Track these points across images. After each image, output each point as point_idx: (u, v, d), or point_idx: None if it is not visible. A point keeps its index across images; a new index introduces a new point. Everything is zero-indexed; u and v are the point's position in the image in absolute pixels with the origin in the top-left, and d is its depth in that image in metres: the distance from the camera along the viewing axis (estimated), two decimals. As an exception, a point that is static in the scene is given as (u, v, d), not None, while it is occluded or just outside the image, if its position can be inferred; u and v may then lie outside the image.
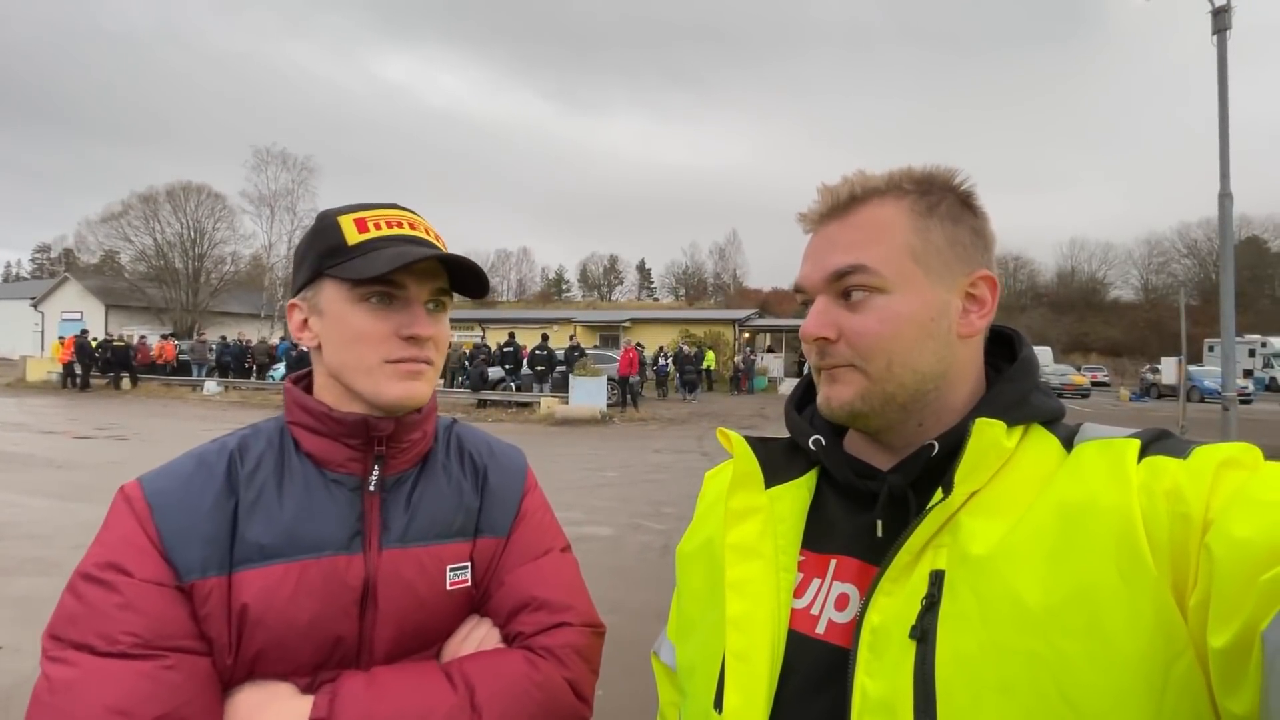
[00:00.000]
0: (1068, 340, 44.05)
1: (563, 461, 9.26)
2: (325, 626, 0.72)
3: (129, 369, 19.81)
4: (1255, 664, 0.40)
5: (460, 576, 0.79)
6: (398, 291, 0.76)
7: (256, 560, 0.71)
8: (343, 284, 0.76)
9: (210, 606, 0.69)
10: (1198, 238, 49.77)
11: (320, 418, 0.77)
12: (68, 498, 6.44)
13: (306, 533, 0.73)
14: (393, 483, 0.80)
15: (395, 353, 0.76)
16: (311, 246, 0.79)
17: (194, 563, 0.69)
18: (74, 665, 0.63)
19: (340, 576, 0.73)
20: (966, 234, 0.62)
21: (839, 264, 0.61)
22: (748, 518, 0.64)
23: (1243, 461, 0.49)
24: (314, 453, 0.78)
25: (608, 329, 31.95)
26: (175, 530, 0.70)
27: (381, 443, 0.78)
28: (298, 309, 0.80)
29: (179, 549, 0.69)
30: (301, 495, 0.75)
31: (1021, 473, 0.55)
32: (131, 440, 10.43)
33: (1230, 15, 9.93)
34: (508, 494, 0.87)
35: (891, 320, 0.60)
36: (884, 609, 0.54)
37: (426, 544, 0.78)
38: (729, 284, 62.61)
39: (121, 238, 37.28)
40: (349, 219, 0.78)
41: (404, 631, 0.75)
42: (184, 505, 0.71)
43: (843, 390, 0.62)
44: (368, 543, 0.76)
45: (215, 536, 0.70)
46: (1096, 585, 0.47)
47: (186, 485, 0.73)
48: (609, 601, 4.46)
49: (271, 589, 0.70)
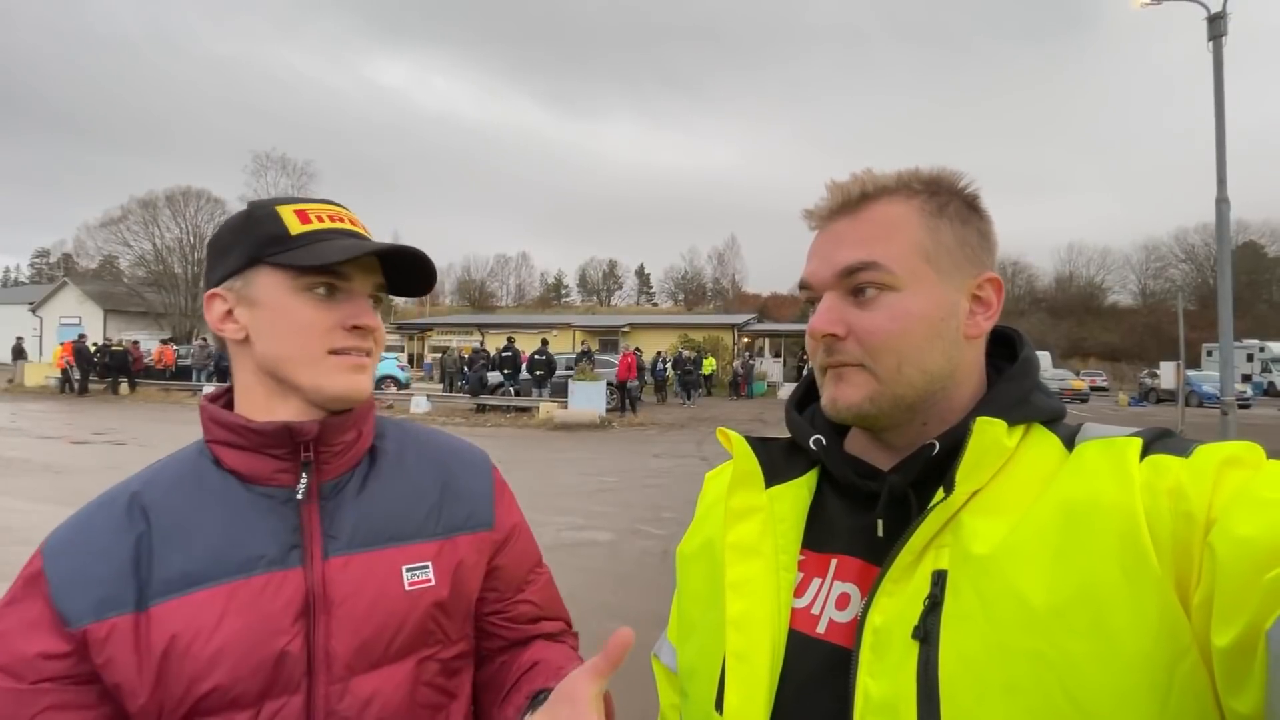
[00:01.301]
0: (1066, 345, 44.11)
1: (562, 466, 9.24)
2: (264, 647, 0.68)
3: (127, 374, 19.79)
4: (1260, 663, 0.40)
5: (420, 576, 0.76)
6: (343, 284, 0.75)
7: (179, 589, 0.67)
8: (285, 273, 0.73)
9: (111, 650, 0.65)
10: (1195, 243, 49.94)
11: (238, 431, 0.73)
12: (65, 503, 6.39)
13: (233, 553, 0.70)
14: (332, 488, 0.76)
15: (339, 343, 0.74)
16: (243, 234, 0.75)
17: (85, 607, 0.65)
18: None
19: (275, 593, 0.70)
20: (974, 235, 0.63)
21: (851, 259, 0.60)
22: (748, 517, 0.64)
23: (1245, 460, 0.48)
24: (237, 469, 0.74)
25: (607, 334, 31.97)
26: (64, 577, 0.67)
27: (308, 448, 0.74)
28: (220, 299, 0.75)
29: (67, 596, 0.66)
30: (224, 515, 0.71)
31: (1023, 472, 0.55)
32: (129, 445, 10.40)
33: (1226, 22, 9.98)
34: (477, 488, 0.86)
35: (902, 318, 0.59)
36: (886, 609, 0.54)
37: (380, 547, 0.75)
38: (728, 289, 62.68)
39: (120, 243, 37.51)
40: (289, 209, 0.76)
41: (365, 641, 0.72)
42: (76, 548, 0.69)
43: (851, 391, 0.61)
44: (308, 554, 0.72)
45: (114, 575, 0.67)
46: (1100, 584, 0.47)
47: (83, 528, 0.71)
48: (609, 606, 4.41)
49: (197, 616, 0.67)
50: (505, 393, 17.08)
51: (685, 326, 31.66)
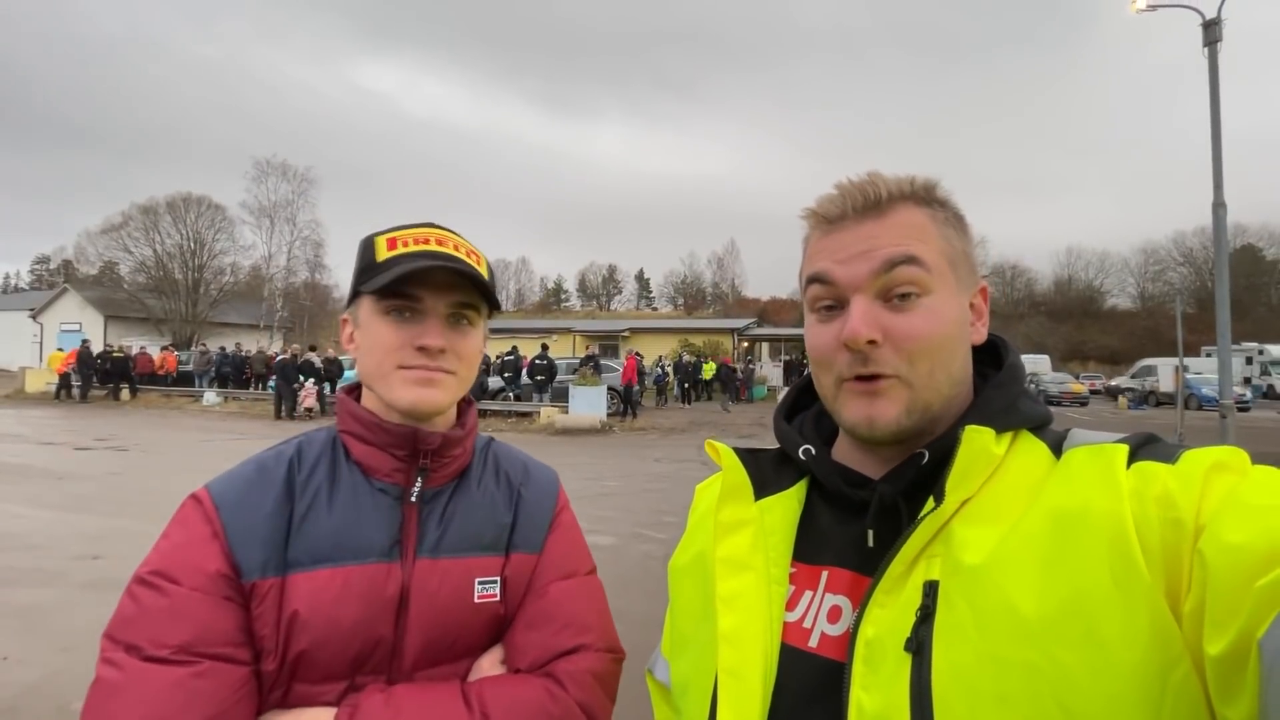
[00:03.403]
0: (1065, 348, 44.06)
1: (563, 471, 9.10)
2: (366, 630, 0.74)
3: (128, 380, 19.78)
4: (1252, 671, 0.40)
5: (488, 591, 0.81)
6: (415, 304, 0.80)
7: (306, 564, 0.74)
8: (371, 297, 0.80)
9: (265, 606, 0.72)
10: (1193, 246, 49.98)
11: (370, 427, 0.81)
12: (68, 509, 6.42)
13: (352, 539, 0.76)
14: (431, 495, 0.82)
15: (407, 361, 0.79)
16: (356, 265, 0.84)
17: (255, 563, 0.73)
18: (120, 668, 0.66)
19: (381, 583, 0.76)
20: (969, 245, 0.63)
21: (896, 253, 0.58)
22: (738, 530, 0.64)
23: (1231, 465, 0.48)
24: (362, 460, 0.81)
25: (607, 338, 31.97)
26: (240, 530, 0.74)
27: (427, 455, 0.81)
28: (348, 322, 0.86)
29: (243, 548, 0.73)
30: (349, 502, 0.78)
31: (1012, 480, 0.55)
32: (131, 451, 10.38)
33: (1221, 28, 10.02)
34: (540, 511, 0.90)
35: (939, 322, 0.58)
36: (878, 621, 0.53)
37: (457, 556, 0.80)
38: (727, 293, 62.72)
39: (121, 249, 37.39)
40: (383, 238, 0.82)
41: (430, 640, 0.77)
42: (247, 507, 0.75)
43: (888, 407, 0.58)
44: (404, 552, 0.78)
45: (274, 539, 0.74)
46: (1091, 593, 0.46)
47: (249, 489, 0.77)
48: (612, 610, 4.38)
49: (319, 593, 0.73)
50: (505, 398, 17.06)
51: (685, 331, 31.72)
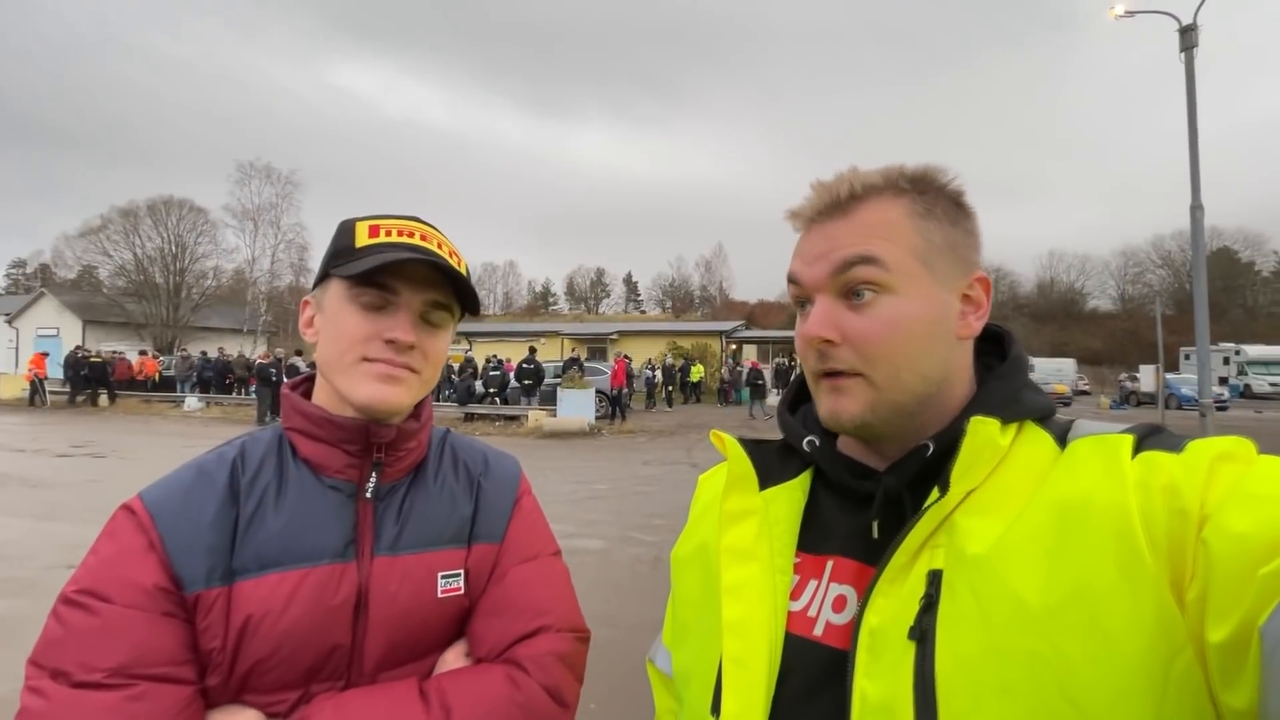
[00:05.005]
0: (1049, 350, 44.66)
1: (552, 474, 9.19)
2: (321, 636, 0.71)
3: (107, 385, 19.45)
4: (1254, 658, 0.40)
5: (452, 584, 0.78)
6: (389, 296, 0.76)
7: (254, 570, 0.70)
8: (343, 283, 0.76)
9: (212, 618, 0.68)
10: (1172, 249, 51.00)
11: (319, 422, 0.77)
12: (43, 517, 6.28)
13: (302, 541, 0.73)
14: (386, 490, 0.79)
15: (373, 354, 0.75)
16: (329, 246, 0.80)
17: (198, 573, 0.69)
18: (46, 697, 0.61)
19: (334, 585, 0.72)
20: (962, 235, 0.62)
21: (850, 253, 0.58)
22: (743, 520, 0.64)
23: (1237, 455, 0.48)
24: (311, 458, 0.77)
25: (595, 342, 31.92)
26: (180, 540, 0.69)
27: (380, 449, 0.78)
28: (309, 305, 0.81)
29: (184, 559, 0.68)
30: (298, 503, 0.75)
31: (1016, 470, 0.55)
32: (109, 458, 10.20)
33: (1197, 34, 10.24)
34: (501, 499, 0.87)
35: (899, 322, 0.58)
36: (882, 610, 0.54)
37: (417, 552, 0.77)
38: (715, 296, 62.95)
39: (100, 252, 36.89)
40: (364, 224, 0.79)
41: (394, 641, 0.74)
42: (187, 514, 0.71)
43: (850, 404, 0.59)
44: (360, 551, 0.75)
45: (218, 546, 0.70)
46: (1096, 583, 0.46)
47: (188, 495, 0.72)
48: (601, 615, 4.37)
49: (268, 599, 0.69)
50: (492, 403, 16.97)
51: (673, 334, 31.71)
